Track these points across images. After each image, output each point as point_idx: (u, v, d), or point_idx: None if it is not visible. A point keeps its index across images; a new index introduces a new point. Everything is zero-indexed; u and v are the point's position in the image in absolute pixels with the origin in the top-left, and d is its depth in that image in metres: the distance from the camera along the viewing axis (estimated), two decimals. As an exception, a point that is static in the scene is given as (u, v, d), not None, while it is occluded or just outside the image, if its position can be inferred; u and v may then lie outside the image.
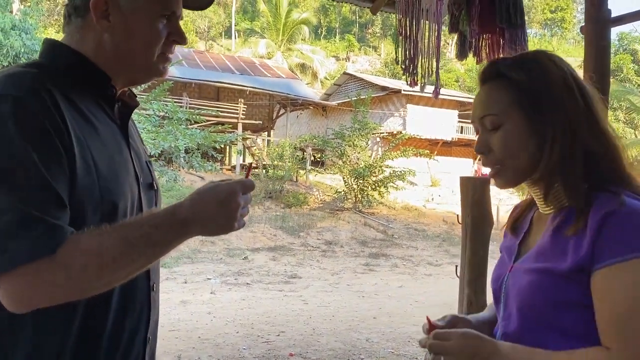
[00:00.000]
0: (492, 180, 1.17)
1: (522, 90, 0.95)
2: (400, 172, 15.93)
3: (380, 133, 21.23)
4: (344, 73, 27.12)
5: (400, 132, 20.09)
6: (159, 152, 11.77)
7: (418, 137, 21.61)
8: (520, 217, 1.11)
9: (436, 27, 2.49)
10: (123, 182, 1.02)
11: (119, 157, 1.03)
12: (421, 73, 2.53)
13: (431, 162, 19.77)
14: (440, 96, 2.54)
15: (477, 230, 2.35)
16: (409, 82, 2.50)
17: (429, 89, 2.62)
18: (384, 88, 23.07)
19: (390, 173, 16.14)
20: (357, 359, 5.06)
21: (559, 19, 49.38)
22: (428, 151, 17.47)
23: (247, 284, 8.69)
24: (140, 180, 1.09)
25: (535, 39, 49.36)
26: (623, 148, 0.97)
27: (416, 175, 16.58)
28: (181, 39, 1.10)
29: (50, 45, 1.06)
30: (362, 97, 17.75)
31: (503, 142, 0.97)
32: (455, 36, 2.56)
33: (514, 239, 1.08)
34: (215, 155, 13.34)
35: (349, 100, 20.21)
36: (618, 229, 0.85)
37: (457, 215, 2.46)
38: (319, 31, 49.51)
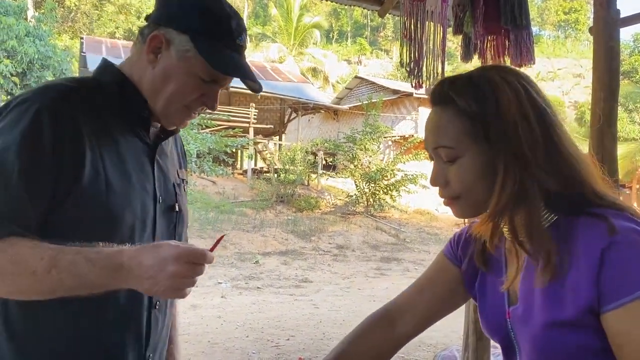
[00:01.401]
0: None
1: (473, 121, 0.85)
2: (412, 175, 15.85)
3: (392, 136, 21.16)
4: (355, 77, 27.10)
5: (412, 136, 20.01)
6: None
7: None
8: (487, 251, 0.98)
9: (441, 29, 2.47)
10: (134, 197, 1.05)
11: (137, 174, 1.07)
12: (426, 75, 2.50)
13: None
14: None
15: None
16: (413, 85, 2.48)
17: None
18: (395, 91, 23.00)
19: (402, 177, 16.08)
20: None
21: (573, 20, 48.91)
22: (440, 154, 17.35)
23: (258, 288, 8.69)
24: (159, 200, 1.12)
25: (549, 41, 48.99)
26: (593, 166, 0.88)
27: (428, 178, 16.52)
28: (210, 106, 1.14)
29: (102, 64, 1.16)
30: (373, 100, 17.71)
31: (460, 177, 0.88)
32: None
33: (495, 280, 0.97)
34: (226, 160, 13.39)
35: (360, 104, 20.19)
36: (622, 263, 0.78)
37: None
38: (331, 35, 49.58)
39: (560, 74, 39.46)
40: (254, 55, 35.59)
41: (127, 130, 1.10)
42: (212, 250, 0.95)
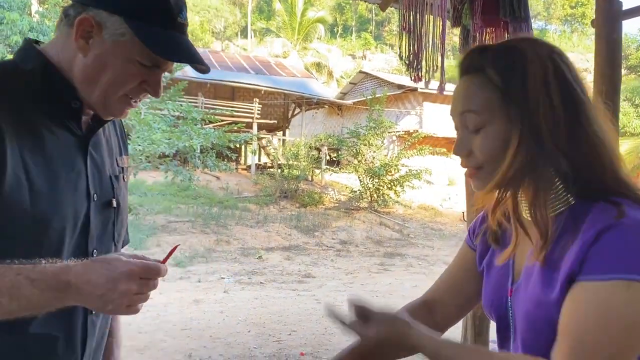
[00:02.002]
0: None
1: (500, 90, 0.86)
2: (417, 171, 15.81)
3: (397, 132, 21.10)
4: (360, 72, 27.01)
5: (417, 131, 19.95)
6: (174, 151, 11.84)
7: (434, 135, 21.43)
8: (500, 227, 1.00)
9: (441, 21, 2.45)
10: (63, 200, 0.96)
11: (66, 174, 0.98)
12: (425, 68, 2.48)
13: (448, 160, 19.60)
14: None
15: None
16: (413, 78, 2.46)
17: (434, 84, 2.57)
18: (400, 86, 22.92)
19: (406, 172, 16.04)
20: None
21: (579, 14, 48.55)
22: (445, 150, 17.30)
23: (261, 283, 8.70)
24: (94, 197, 1.04)
25: (555, 35, 48.66)
26: (618, 154, 0.86)
27: (433, 174, 16.45)
28: (154, 93, 1.04)
29: (24, 45, 1.03)
30: (377, 95, 17.66)
31: (484, 146, 0.87)
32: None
33: (500, 254, 0.98)
34: (230, 155, 13.38)
35: (364, 99, 20.15)
36: (615, 242, 0.77)
37: (463, 213, 2.41)
38: (335, 30, 49.41)
39: (566, 69, 39.17)
40: (258, 50, 35.57)
41: (54, 123, 0.99)
42: (164, 262, 0.92)
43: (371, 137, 16.64)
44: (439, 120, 22.16)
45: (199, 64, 1.04)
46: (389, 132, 18.21)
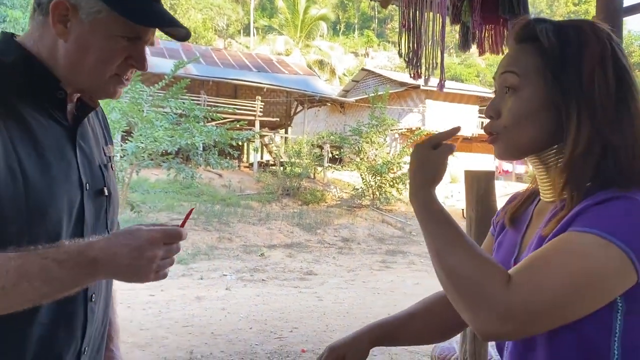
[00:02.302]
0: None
1: (551, 58, 0.86)
2: (419, 168, 15.77)
3: (399, 129, 21.10)
4: (362, 69, 27.00)
5: (419, 128, 19.94)
6: (176, 149, 11.86)
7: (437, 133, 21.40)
8: (520, 209, 1.03)
9: (440, 18, 2.45)
10: (58, 190, 0.97)
11: (57, 163, 0.98)
12: (425, 66, 2.49)
13: (451, 158, 19.54)
14: (460, 91, 2.50)
15: (481, 225, 2.30)
16: (412, 75, 2.46)
17: (434, 81, 2.58)
18: (402, 84, 22.90)
19: (408, 169, 16.01)
20: (370, 356, 5.02)
21: (583, 11, 48.39)
22: (447, 147, 17.24)
23: (263, 280, 8.71)
24: (86, 186, 1.04)
25: (558, 33, 48.42)
26: None
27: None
28: (140, 66, 1.03)
29: (3, 38, 1.02)
30: (379, 93, 17.65)
31: (515, 109, 0.89)
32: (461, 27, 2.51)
33: (515, 233, 1.00)
34: (232, 153, 13.39)
35: (367, 96, 20.14)
36: (606, 208, 0.78)
37: (462, 210, 2.42)
38: (338, 27, 49.37)
39: (569, 66, 39.08)
40: (260, 48, 35.55)
41: (41, 115, 0.98)
42: (182, 225, 0.94)
43: (373, 134, 16.64)
44: (442, 117, 22.15)
45: (178, 27, 1.04)
46: (391, 130, 18.20)
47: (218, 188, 16.65)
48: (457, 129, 0.96)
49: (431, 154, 0.92)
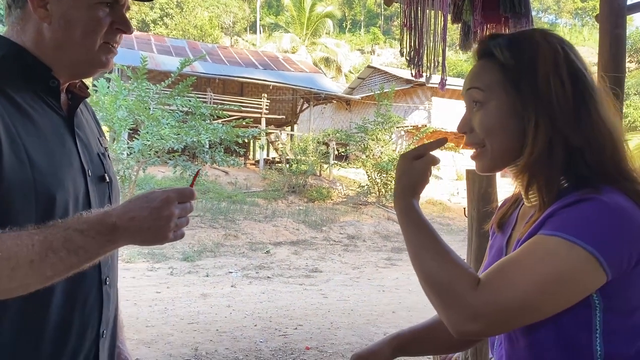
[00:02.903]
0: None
1: (508, 71, 0.90)
2: (425, 166, 15.74)
3: (405, 126, 21.06)
4: (368, 66, 26.94)
5: (425, 126, 19.89)
6: (182, 146, 11.90)
7: (443, 130, 21.36)
8: (507, 213, 1.06)
9: (442, 17, 2.44)
10: (63, 175, 0.99)
11: (60, 150, 1.01)
12: (427, 64, 2.48)
13: (456, 155, 19.54)
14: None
15: (482, 223, 2.31)
16: (413, 74, 2.46)
17: (435, 79, 2.57)
18: (408, 81, 22.81)
19: (414, 167, 15.98)
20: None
21: (590, 8, 48.01)
22: (453, 144, 17.24)
23: (268, 277, 8.74)
24: (89, 173, 1.07)
25: (566, 29, 48.16)
26: (622, 144, 0.89)
27: (441, 169, 16.41)
28: (126, 28, 1.06)
29: None
30: (385, 90, 17.62)
31: (484, 122, 0.93)
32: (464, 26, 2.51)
33: (502, 237, 1.03)
34: (238, 150, 13.43)
35: (372, 93, 20.10)
36: (575, 210, 0.81)
37: (464, 209, 2.43)
38: (344, 24, 49.27)
39: (577, 63, 38.77)
40: (267, 46, 35.54)
41: (40, 105, 1.01)
42: (192, 186, 0.99)
43: (379, 132, 16.62)
44: (448, 114, 22.08)
45: None
46: (397, 127, 18.17)
47: (224, 185, 16.70)
48: (444, 141, 1.00)
49: (414, 164, 0.96)
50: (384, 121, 16.71)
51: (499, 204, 1.12)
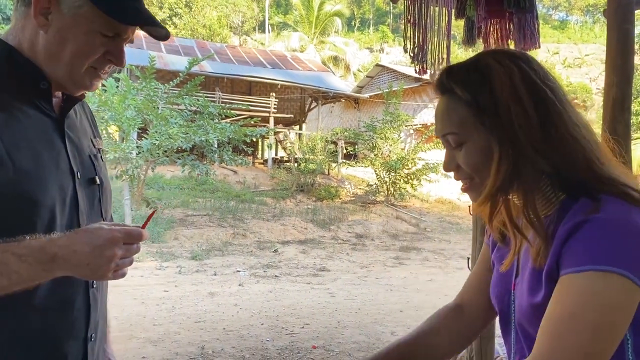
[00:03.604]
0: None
1: (471, 107, 0.89)
2: (434, 164, 15.69)
3: (414, 125, 20.97)
4: (377, 65, 26.86)
5: (434, 124, 19.78)
6: (191, 146, 11.93)
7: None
8: (491, 229, 1.05)
9: (446, 13, 2.41)
10: (49, 177, 0.98)
11: (47, 152, 1.00)
12: (431, 61, 2.46)
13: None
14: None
15: (487, 222, 2.28)
16: (417, 71, 2.44)
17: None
18: (417, 79, 22.73)
19: (423, 165, 15.93)
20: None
21: (601, 5, 47.55)
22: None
23: (276, 276, 8.74)
24: (78, 175, 1.06)
25: (577, 26, 47.77)
26: (600, 149, 0.88)
27: (446, 166, 16.30)
28: (118, 62, 1.05)
29: None
30: (394, 88, 17.56)
31: (467, 161, 0.92)
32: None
33: (507, 251, 1.00)
34: (246, 149, 13.44)
35: (381, 92, 20.04)
36: (587, 237, 0.79)
37: (469, 207, 2.40)
38: (353, 23, 49.18)
39: (588, 60, 38.46)
40: (275, 45, 35.56)
41: (28, 106, 1.00)
42: (144, 227, 0.96)
43: (387, 130, 16.56)
44: (457, 113, 21.92)
45: (159, 27, 1.06)
46: (406, 126, 18.09)
47: (233, 184, 16.73)
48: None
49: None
50: (393, 120, 16.65)
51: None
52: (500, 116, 0.85)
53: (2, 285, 0.86)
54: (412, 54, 2.46)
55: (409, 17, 2.46)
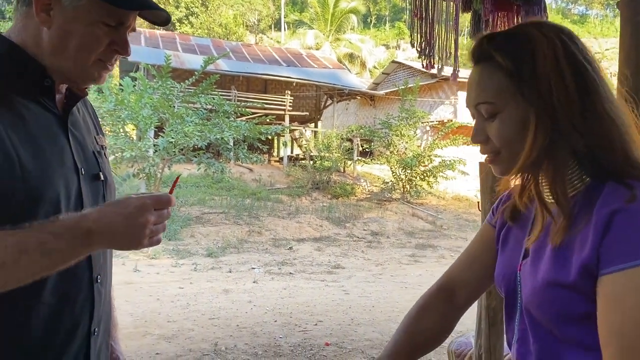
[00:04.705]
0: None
1: (510, 77, 0.86)
2: (450, 161, 15.58)
3: (430, 122, 20.82)
4: (393, 61, 26.71)
5: (451, 120, 19.62)
6: (206, 144, 12.00)
7: (469, 125, 21.03)
8: (518, 205, 1.01)
9: (453, 6, 2.39)
10: (53, 173, 0.99)
11: (51, 149, 1.01)
12: (438, 55, 2.43)
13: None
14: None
15: (495, 218, 2.25)
16: (424, 65, 2.42)
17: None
18: (433, 75, 22.56)
19: (439, 162, 15.82)
20: (394, 350, 5.00)
21: (623, -3, 46.58)
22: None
23: (290, 273, 8.76)
24: (82, 171, 1.07)
25: (597, 20, 46.96)
26: (633, 135, 0.85)
27: (467, 164, 16.16)
28: (123, 51, 1.06)
29: None
30: (410, 85, 17.45)
31: (499, 133, 0.89)
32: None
33: (519, 232, 0.99)
34: (261, 147, 13.48)
35: (397, 89, 19.93)
36: (628, 228, 0.76)
37: (478, 203, 2.37)
38: (369, 20, 48.99)
39: (608, 55, 37.77)
40: (291, 43, 35.58)
41: (32, 103, 1.01)
42: (171, 192, 0.99)
43: (403, 127, 16.48)
44: (474, 109, 21.70)
45: (159, 11, 1.06)
46: (422, 122, 17.98)
47: (249, 182, 16.80)
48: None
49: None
50: (408, 116, 16.55)
51: (507, 192, 1.07)
52: (540, 89, 0.84)
53: (46, 264, 0.89)
54: (419, 49, 2.44)
55: (415, 10, 2.44)
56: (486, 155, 0.94)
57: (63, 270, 0.96)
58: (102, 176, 1.13)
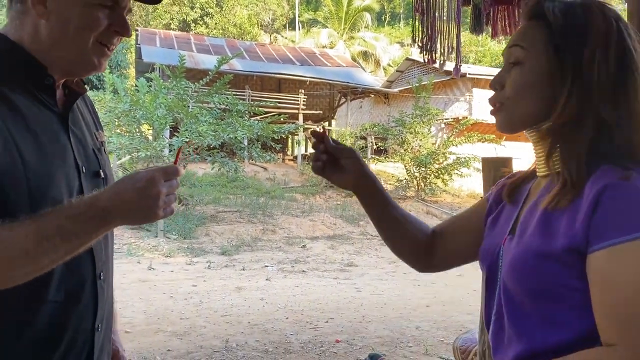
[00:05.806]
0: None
1: (556, 33, 0.88)
2: (465, 158, 15.46)
3: (445, 119, 20.69)
4: (407, 59, 26.56)
5: (465, 117, 19.48)
6: (220, 143, 12.08)
7: (484, 122, 20.88)
8: (519, 185, 1.03)
9: (455, 1, 2.38)
10: (55, 171, 1.00)
11: (52, 147, 1.02)
12: (440, 50, 2.43)
13: (499, 147, 19.04)
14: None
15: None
16: (426, 60, 2.41)
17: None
18: (448, 72, 22.39)
19: (454, 160, 15.72)
20: (405, 347, 5.00)
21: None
22: (495, 136, 16.79)
23: (303, 271, 8.78)
24: (83, 168, 1.08)
25: (616, 14, 46.17)
26: None
27: (481, 161, 16.05)
28: (123, 30, 1.07)
29: None
30: (424, 82, 17.35)
31: (517, 80, 0.91)
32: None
33: (512, 209, 1.00)
34: (275, 146, 13.53)
35: (411, 87, 19.83)
36: (620, 203, 0.76)
37: (481, 197, 2.36)
38: (383, 18, 48.79)
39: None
40: (305, 42, 35.61)
41: (32, 102, 1.01)
42: (175, 163, 1.01)
43: (417, 125, 16.40)
44: (489, 106, 21.49)
45: None
46: (437, 120, 17.88)
47: (263, 181, 16.87)
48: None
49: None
50: (422, 114, 16.47)
51: (510, 175, 1.09)
52: (582, 55, 0.85)
53: (67, 248, 0.91)
54: (420, 44, 2.44)
55: (417, 6, 2.44)
56: (492, 107, 0.96)
57: (67, 269, 0.98)
58: (102, 173, 1.14)
